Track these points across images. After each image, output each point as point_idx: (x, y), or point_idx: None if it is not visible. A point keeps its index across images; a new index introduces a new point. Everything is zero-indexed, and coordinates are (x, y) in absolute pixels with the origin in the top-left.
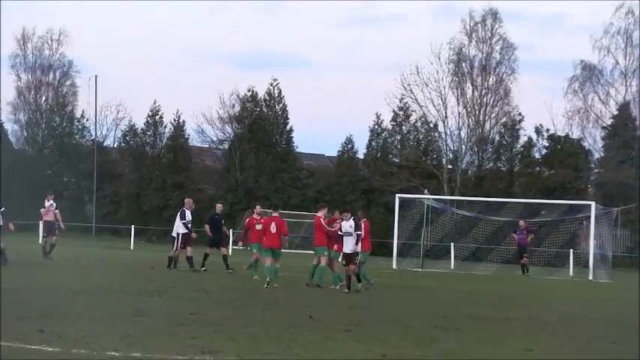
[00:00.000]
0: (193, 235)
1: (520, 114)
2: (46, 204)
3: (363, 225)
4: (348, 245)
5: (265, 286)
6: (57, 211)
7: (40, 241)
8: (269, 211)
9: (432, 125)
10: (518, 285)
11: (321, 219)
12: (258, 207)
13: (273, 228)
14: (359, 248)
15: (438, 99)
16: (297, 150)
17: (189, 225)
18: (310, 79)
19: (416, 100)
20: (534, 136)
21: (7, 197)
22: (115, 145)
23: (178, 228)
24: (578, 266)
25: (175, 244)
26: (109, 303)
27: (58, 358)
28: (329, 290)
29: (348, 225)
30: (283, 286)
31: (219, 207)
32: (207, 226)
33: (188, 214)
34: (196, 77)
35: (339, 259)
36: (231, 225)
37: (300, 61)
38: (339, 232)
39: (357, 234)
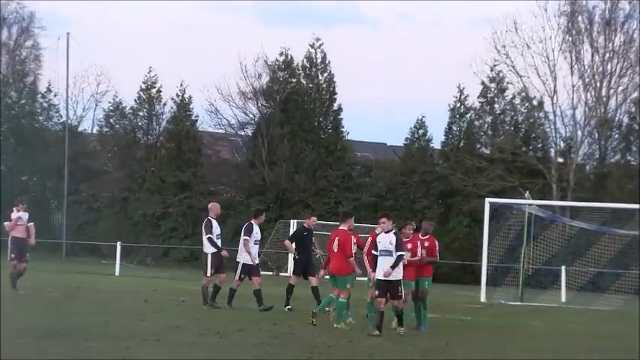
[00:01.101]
0: (224, 253)
1: None
2: (13, 215)
3: (424, 241)
4: (383, 269)
5: (312, 321)
6: (31, 224)
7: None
8: (316, 222)
9: (535, 103)
10: None
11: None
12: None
13: (335, 246)
14: (400, 274)
15: (544, 66)
16: (349, 137)
17: (217, 240)
18: (366, 40)
19: (513, 68)
20: None
21: None
22: (95, 131)
23: (205, 246)
24: None
25: (208, 268)
26: (85, 351)
27: None
28: (392, 333)
29: (387, 240)
30: (328, 326)
31: (311, 220)
32: (289, 244)
33: (215, 226)
34: (208, 35)
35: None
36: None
37: (353, 13)
38: (373, 251)
39: (399, 255)
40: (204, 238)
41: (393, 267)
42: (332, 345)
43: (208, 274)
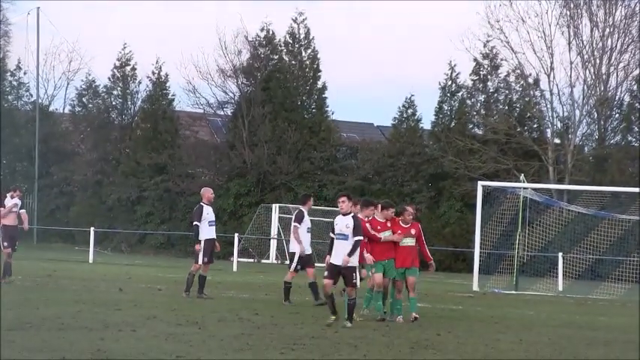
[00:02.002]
0: (197, 247)
1: None
2: (8, 202)
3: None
4: (340, 255)
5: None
6: (23, 211)
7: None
8: (293, 206)
9: (531, 81)
10: None
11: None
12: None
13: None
14: (356, 261)
15: (541, 42)
16: (333, 117)
17: (211, 227)
18: (352, 14)
19: (508, 43)
20: None
21: None
22: (66, 111)
23: (203, 232)
24: None
25: (200, 256)
26: (58, 343)
27: None
28: (379, 323)
29: (344, 224)
30: (312, 317)
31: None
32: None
33: (207, 212)
34: (185, 9)
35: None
36: (238, 228)
37: None
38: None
39: (356, 240)
40: (197, 223)
41: (351, 254)
42: (316, 336)
43: (200, 261)
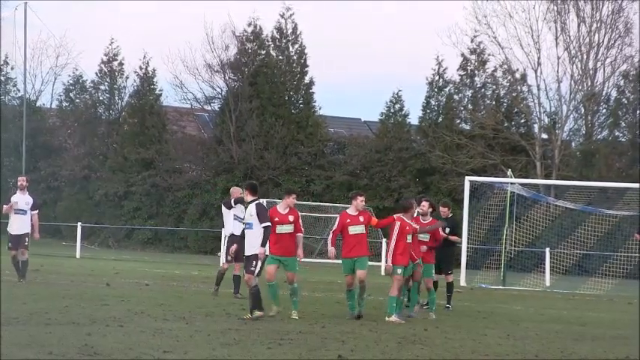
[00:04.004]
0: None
1: None
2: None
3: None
4: (249, 243)
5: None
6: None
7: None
8: (277, 201)
9: (518, 76)
10: None
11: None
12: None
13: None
14: (256, 249)
15: (528, 37)
16: (321, 112)
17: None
18: (339, 9)
19: (495, 39)
20: None
21: None
22: (54, 106)
23: (231, 227)
24: None
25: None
26: (46, 338)
27: None
28: (367, 319)
29: (248, 212)
30: (299, 311)
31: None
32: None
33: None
34: (172, 4)
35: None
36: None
37: None
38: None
39: (264, 227)
40: (231, 216)
41: (261, 242)
42: (303, 331)
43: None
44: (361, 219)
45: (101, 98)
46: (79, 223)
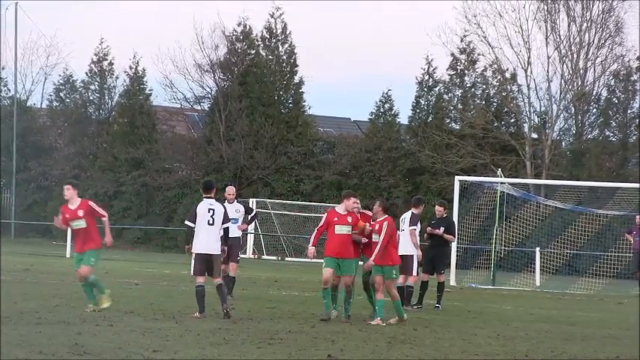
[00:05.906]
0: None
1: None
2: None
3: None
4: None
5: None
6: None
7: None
8: (270, 201)
9: (508, 76)
10: (637, 310)
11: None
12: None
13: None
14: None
15: (518, 37)
16: (310, 112)
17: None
18: (329, 9)
19: (485, 38)
20: None
21: None
22: (44, 106)
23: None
24: None
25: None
26: (36, 337)
27: None
28: (358, 319)
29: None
30: (289, 311)
31: None
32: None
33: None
34: (162, 4)
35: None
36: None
37: None
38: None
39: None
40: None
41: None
42: (293, 331)
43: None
44: (349, 219)
45: (91, 98)
46: None
